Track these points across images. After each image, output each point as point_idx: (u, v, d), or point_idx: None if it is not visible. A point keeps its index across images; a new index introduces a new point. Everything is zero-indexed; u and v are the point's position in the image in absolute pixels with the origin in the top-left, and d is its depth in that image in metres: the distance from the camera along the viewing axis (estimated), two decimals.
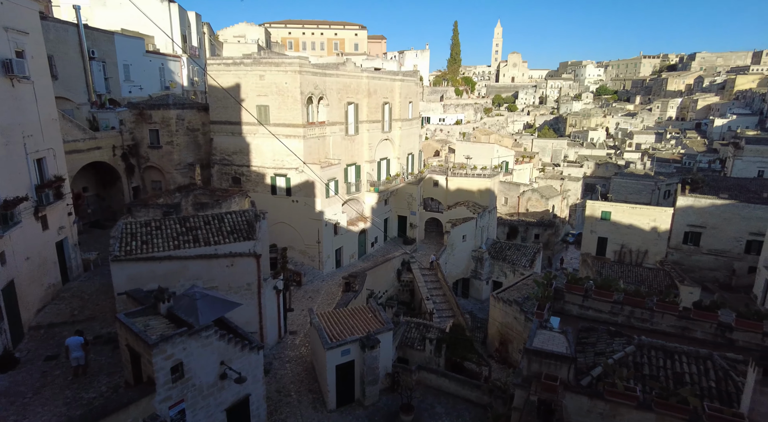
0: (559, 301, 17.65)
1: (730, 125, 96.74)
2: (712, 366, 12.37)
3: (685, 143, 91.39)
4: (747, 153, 64.04)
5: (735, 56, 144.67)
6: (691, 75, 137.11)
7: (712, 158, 77.39)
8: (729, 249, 37.81)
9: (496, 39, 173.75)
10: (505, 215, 49.69)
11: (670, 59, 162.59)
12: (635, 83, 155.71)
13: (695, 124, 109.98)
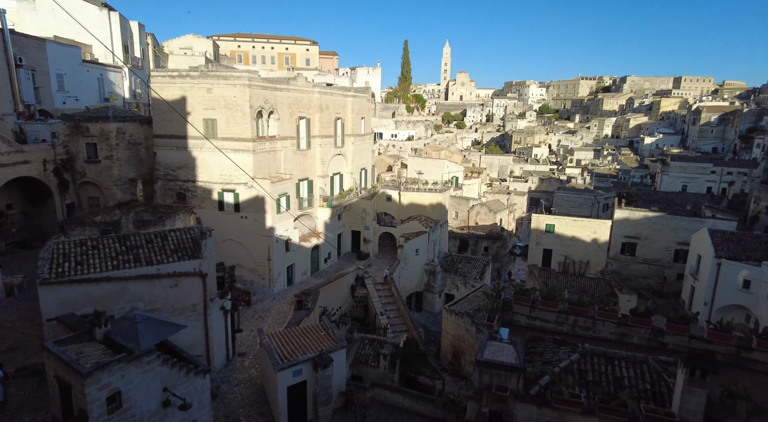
0: (508, 312, 18.16)
1: (658, 143, 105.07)
2: (647, 369, 13.13)
3: (620, 160, 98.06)
4: (672, 169, 69.71)
5: (659, 81, 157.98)
6: (623, 96, 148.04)
7: (643, 173, 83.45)
8: (660, 258, 40.63)
9: (445, 58, 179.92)
10: (456, 228, 50.79)
11: (605, 81, 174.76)
12: (574, 103, 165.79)
13: (628, 141, 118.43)
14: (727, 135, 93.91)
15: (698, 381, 10.44)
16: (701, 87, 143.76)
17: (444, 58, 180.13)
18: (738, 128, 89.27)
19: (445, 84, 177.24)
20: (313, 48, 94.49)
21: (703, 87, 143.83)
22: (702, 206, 46.46)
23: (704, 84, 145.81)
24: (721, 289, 30.51)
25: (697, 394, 10.53)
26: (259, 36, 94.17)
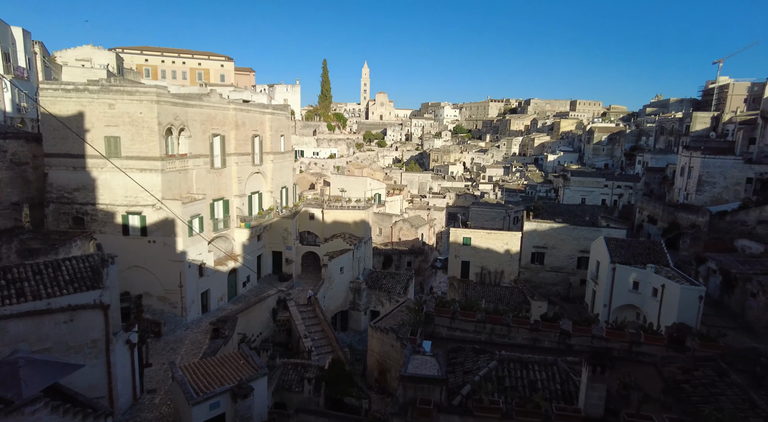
0: (430, 325, 18.57)
1: (559, 160, 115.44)
2: (557, 370, 14.06)
3: (527, 175, 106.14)
4: (572, 184, 76.81)
5: (558, 103, 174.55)
6: (528, 117, 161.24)
7: (548, 187, 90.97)
8: (565, 266, 44.19)
9: (364, 79, 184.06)
10: (380, 244, 51.34)
11: (512, 103, 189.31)
12: (485, 123, 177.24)
13: (534, 159, 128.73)
14: (615, 153, 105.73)
15: (599, 377, 11.39)
16: (593, 110, 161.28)
17: (363, 78, 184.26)
18: (623, 146, 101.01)
19: (365, 104, 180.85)
20: (228, 64, 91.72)
21: (594, 110, 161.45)
22: (598, 217, 51.57)
23: (595, 107, 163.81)
24: (617, 291, 33.81)
25: (598, 389, 11.47)
26: (170, 50, 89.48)
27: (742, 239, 42.20)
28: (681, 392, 13.08)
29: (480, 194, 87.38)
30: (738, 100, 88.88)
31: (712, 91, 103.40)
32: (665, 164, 71.50)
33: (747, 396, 11.97)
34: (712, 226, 46.10)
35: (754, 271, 32.67)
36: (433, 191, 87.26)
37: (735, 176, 51.25)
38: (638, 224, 60.04)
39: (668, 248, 38.57)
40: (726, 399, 12.04)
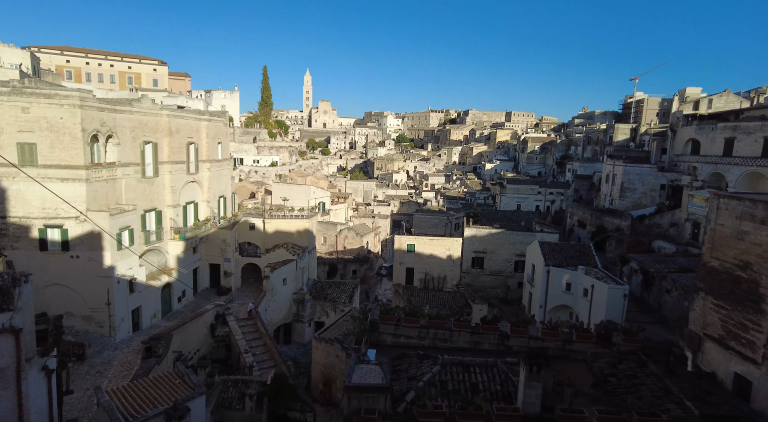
0: (375, 333, 18.54)
1: (496, 168, 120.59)
2: (497, 371, 14.52)
3: (467, 183, 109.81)
4: (509, 191, 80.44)
5: (495, 114, 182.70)
6: (467, 128, 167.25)
7: (486, 195, 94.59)
8: (504, 269, 46.01)
9: (306, 86, 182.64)
10: (324, 254, 50.77)
11: (451, 114, 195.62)
12: (427, 133, 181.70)
13: (473, 167, 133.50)
14: (547, 161, 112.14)
15: (535, 376, 11.88)
16: (526, 121, 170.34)
17: (306, 85, 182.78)
18: (554, 155, 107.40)
19: (307, 111, 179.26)
20: (161, 68, 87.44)
21: (527, 121, 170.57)
22: (533, 222, 54.31)
23: (528, 118, 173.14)
24: (551, 292, 35.69)
25: (534, 387, 11.96)
26: (95, 52, 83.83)
27: (659, 240, 46.15)
28: (608, 385, 13.95)
29: (423, 201, 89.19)
30: (652, 114, 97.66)
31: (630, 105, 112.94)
32: (592, 171, 76.82)
33: (663, 384, 13.01)
34: (634, 229, 50.03)
35: (668, 269, 35.76)
36: (378, 199, 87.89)
37: (651, 183, 56.08)
38: (569, 229, 63.90)
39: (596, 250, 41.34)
40: (645, 389, 13.01)
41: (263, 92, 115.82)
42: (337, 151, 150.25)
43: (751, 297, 13.25)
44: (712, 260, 14.95)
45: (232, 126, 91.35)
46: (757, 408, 12.78)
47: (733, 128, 49.02)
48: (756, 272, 13.08)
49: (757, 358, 12.94)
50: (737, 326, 13.74)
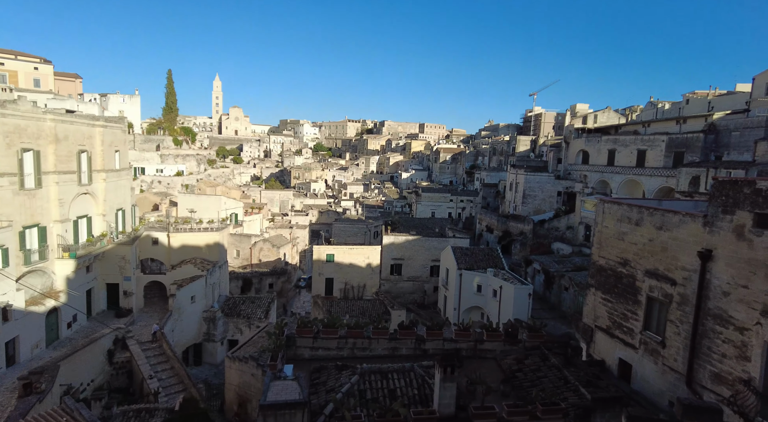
0: (292, 348, 18.01)
1: (412, 177, 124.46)
2: (414, 376, 14.79)
3: (385, 192, 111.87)
4: (423, 199, 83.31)
5: (409, 126, 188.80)
6: (383, 138, 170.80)
7: (403, 203, 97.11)
8: (420, 275, 47.36)
9: (216, 91, 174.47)
10: (238, 267, 48.46)
11: (368, 124, 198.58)
12: (344, 142, 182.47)
13: (390, 176, 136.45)
14: (458, 171, 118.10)
15: (449, 377, 12.29)
16: (438, 132, 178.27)
17: (215, 91, 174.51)
18: (464, 165, 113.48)
19: (217, 118, 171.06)
20: (45, 67, 78.17)
21: (439, 132, 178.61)
22: (446, 228, 56.71)
23: (440, 130, 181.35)
24: (464, 295, 37.39)
25: (449, 388, 12.36)
26: None
27: (557, 242, 50.55)
28: (516, 380, 14.87)
29: (342, 210, 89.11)
30: (549, 127, 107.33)
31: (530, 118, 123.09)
32: (498, 180, 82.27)
33: (562, 374, 14.18)
34: (535, 232, 54.32)
35: (565, 269, 39.27)
36: (296, 209, 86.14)
37: (549, 190, 61.41)
38: (479, 234, 67.69)
39: (503, 253, 44.20)
40: (548, 380, 14.07)
41: (168, 97, 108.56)
42: (250, 159, 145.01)
43: (629, 290, 14.96)
44: (600, 258, 16.67)
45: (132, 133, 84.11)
46: (637, 388, 14.41)
47: (614, 141, 55.56)
48: (633, 267, 14.81)
49: (635, 344, 14.62)
50: (620, 316, 15.43)
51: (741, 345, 11.04)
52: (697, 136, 46.19)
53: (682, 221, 12.98)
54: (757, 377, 10.60)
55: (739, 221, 11.23)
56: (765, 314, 10.42)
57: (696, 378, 12.31)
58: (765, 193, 10.63)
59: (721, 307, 11.62)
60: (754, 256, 10.76)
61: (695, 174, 41.14)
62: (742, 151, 41.86)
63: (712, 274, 11.92)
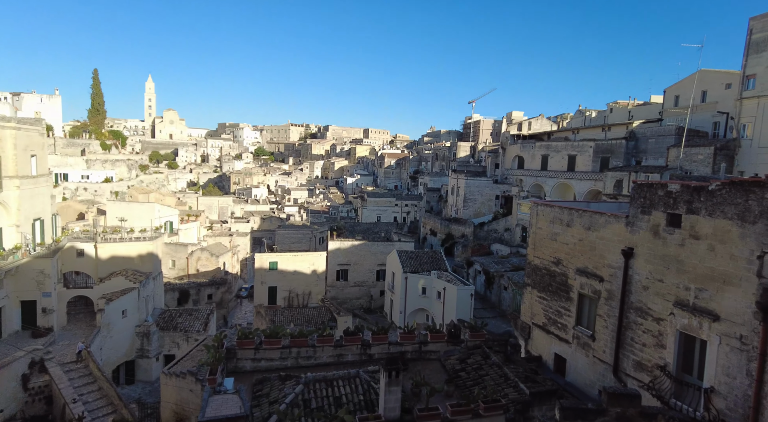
0: (232, 360, 17.32)
1: (357, 182, 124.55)
2: (359, 382, 14.68)
3: (330, 197, 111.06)
4: (369, 204, 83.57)
5: (354, 131, 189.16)
6: (328, 142, 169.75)
7: (349, 208, 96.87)
8: (366, 280, 47.40)
9: (149, 93, 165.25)
10: (173, 278, 45.96)
11: (312, 128, 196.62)
12: (287, 147, 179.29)
13: (335, 181, 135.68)
14: (402, 175, 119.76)
15: (394, 381, 12.32)
16: (383, 137, 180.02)
17: (147, 93, 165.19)
18: (408, 170, 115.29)
19: (150, 121, 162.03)
20: None
21: (384, 138, 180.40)
22: (391, 232, 57.21)
23: (384, 135, 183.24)
24: (410, 297, 37.87)
25: (394, 392, 12.39)
26: None
27: (496, 243, 52.57)
28: (459, 379, 15.20)
29: (286, 216, 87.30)
30: (487, 133, 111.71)
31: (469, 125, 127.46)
32: (441, 184, 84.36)
33: (502, 371, 14.69)
34: (476, 234, 56.18)
35: (504, 269, 40.89)
36: (236, 216, 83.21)
37: (488, 194, 63.82)
38: (423, 237, 68.95)
39: (446, 255, 45.29)
40: (489, 378, 14.52)
41: (94, 99, 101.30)
42: (186, 164, 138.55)
43: (562, 288, 15.82)
44: (535, 258, 17.49)
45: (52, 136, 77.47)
46: (571, 380, 15.24)
47: (547, 147, 58.82)
48: (565, 266, 15.68)
49: (568, 339, 15.46)
50: (555, 313, 16.26)
51: (658, 334, 12.00)
52: (620, 142, 49.99)
53: (607, 222, 13.92)
54: (672, 362, 11.56)
55: (655, 221, 12.22)
56: (677, 305, 11.40)
57: (621, 367, 13.21)
58: (675, 195, 11.65)
59: (642, 300, 12.58)
60: (668, 252, 11.75)
61: (619, 178, 44.46)
62: (657, 156, 45.84)
63: (634, 270, 12.87)
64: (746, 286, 9.86)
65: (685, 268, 11.24)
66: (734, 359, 10.11)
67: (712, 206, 10.62)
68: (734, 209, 10.13)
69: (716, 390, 10.48)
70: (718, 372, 10.46)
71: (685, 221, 11.31)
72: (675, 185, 11.84)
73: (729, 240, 10.22)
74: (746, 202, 9.91)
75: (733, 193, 10.20)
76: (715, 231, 10.52)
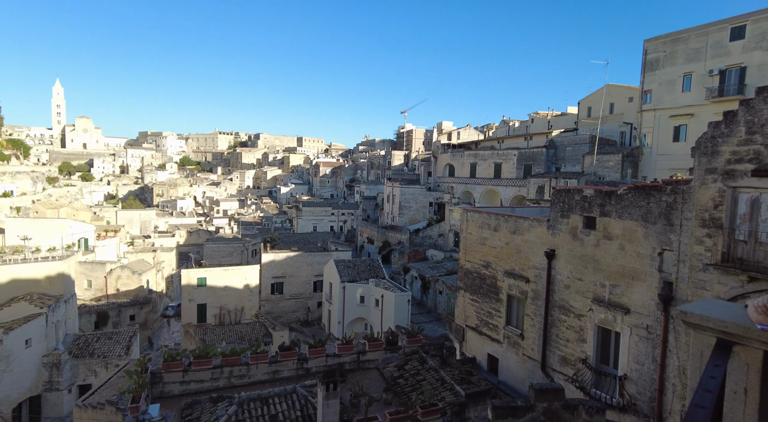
0: (158, 385, 16.16)
1: (291, 191, 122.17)
2: (296, 397, 14.27)
3: (263, 207, 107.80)
4: (304, 213, 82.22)
5: (287, 139, 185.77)
6: (259, 151, 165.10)
7: (283, 218, 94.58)
8: (303, 292, 46.43)
9: (57, 99, 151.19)
10: (90, 300, 42.08)
11: (242, 137, 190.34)
12: (215, 156, 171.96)
13: (268, 191, 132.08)
14: (338, 184, 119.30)
15: (332, 394, 12.11)
16: (317, 146, 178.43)
17: (56, 98, 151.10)
18: (344, 179, 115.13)
19: (59, 129, 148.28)
20: None
21: (318, 146, 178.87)
22: (328, 242, 56.58)
23: (319, 144, 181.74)
24: (348, 307, 37.57)
25: (332, 405, 12.17)
26: None
27: (431, 249, 53.83)
28: (398, 386, 15.27)
29: (215, 229, 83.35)
30: (419, 142, 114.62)
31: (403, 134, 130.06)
32: (376, 193, 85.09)
33: (439, 375, 14.99)
34: (412, 241, 57.17)
35: (439, 273, 41.94)
36: (160, 230, 78.11)
37: (422, 201, 65.34)
38: (360, 245, 68.99)
39: (384, 262, 45.60)
40: (427, 383, 14.73)
41: None
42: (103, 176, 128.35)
43: (493, 290, 16.49)
44: (466, 262, 18.10)
45: None
46: (503, 379, 15.88)
47: (475, 155, 61.49)
48: (494, 269, 16.38)
49: (500, 339, 16.12)
50: (486, 314, 16.89)
51: (579, 330, 12.86)
52: (540, 150, 53.44)
53: (531, 226, 14.75)
54: (592, 355, 12.43)
55: (573, 224, 13.14)
56: (595, 301, 12.30)
57: (548, 362, 13.98)
58: (590, 199, 12.63)
59: (564, 298, 13.43)
60: (585, 253, 12.67)
61: (540, 184, 47.46)
62: (574, 163, 49.59)
63: (556, 270, 13.73)
64: (650, 281, 10.87)
65: (601, 266, 12.18)
66: (642, 347, 11.08)
67: (621, 208, 11.63)
68: (638, 211, 11.17)
69: (628, 376, 11.40)
70: (629, 361, 11.39)
71: (599, 223, 12.27)
72: (589, 190, 12.83)
73: (635, 240, 11.23)
74: (648, 204, 10.96)
75: (637, 196, 11.24)
76: (624, 232, 11.52)
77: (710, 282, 9.69)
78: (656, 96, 40.42)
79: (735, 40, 34.91)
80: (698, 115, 36.50)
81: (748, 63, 34.14)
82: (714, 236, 9.59)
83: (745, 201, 9.21)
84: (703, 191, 9.82)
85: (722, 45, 35.66)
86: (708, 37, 36.54)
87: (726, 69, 35.37)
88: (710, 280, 9.69)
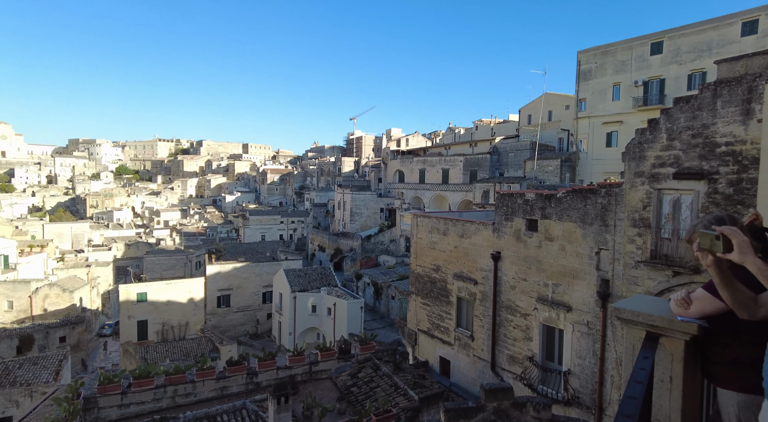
0: (92, 411, 14.96)
1: (238, 200, 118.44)
2: (246, 413, 13.72)
3: (207, 217, 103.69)
4: (252, 222, 79.93)
5: (231, 146, 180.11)
6: (202, 158, 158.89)
7: (229, 228, 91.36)
8: (251, 304, 44.98)
9: None
10: (11, 323, 38.48)
11: (183, 144, 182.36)
12: (155, 164, 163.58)
13: (212, 200, 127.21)
14: (287, 192, 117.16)
15: (283, 407, 11.77)
16: (264, 153, 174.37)
17: None
18: (293, 186, 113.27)
19: None
20: None
21: (265, 153, 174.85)
22: (278, 251, 55.28)
23: (266, 151, 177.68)
24: (299, 317, 36.80)
25: (284, 418, 11.82)
26: None
27: (383, 255, 54.03)
28: (351, 395, 15.09)
29: (156, 241, 79.08)
30: (369, 149, 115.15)
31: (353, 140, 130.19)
32: (327, 200, 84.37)
33: (392, 381, 14.99)
34: (364, 247, 57.11)
35: (391, 279, 42.14)
36: (95, 244, 73.03)
37: (373, 207, 65.56)
38: (312, 253, 68.01)
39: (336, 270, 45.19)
40: (380, 390, 14.67)
41: None
42: (27, 187, 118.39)
43: (443, 293, 16.77)
44: (417, 267, 18.30)
45: None
46: (455, 380, 16.15)
47: (424, 162, 62.61)
48: (444, 272, 16.67)
49: (451, 341, 16.40)
50: (437, 317, 17.14)
51: (526, 329, 13.34)
52: (485, 157, 55.32)
53: (477, 229, 15.16)
54: (538, 353, 12.92)
55: (516, 226, 13.65)
56: (539, 301, 12.82)
57: (498, 362, 14.38)
58: (531, 202, 13.18)
59: (510, 299, 13.88)
60: (528, 254, 13.19)
61: (485, 188, 49.08)
62: (517, 168, 51.74)
63: (502, 272, 14.18)
64: (589, 279, 11.49)
65: (543, 267, 12.71)
66: (584, 342, 11.66)
67: (561, 211, 12.23)
68: (577, 213, 11.78)
69: (572, 371, 11.95)
70: (572, 356, 11.95)
71: (541, 225, 12.82)
72: (531, 194, 13.40)
73: (575, 240, 11.83)
74: (585, 207, 11.59)
75: (575, 199, 11.87)
76: (564, 233, 12.11)
77: (641, 278, 10.38)
78: (590, 104, 43.10)
79: (654, 54, 38.04)
80: (627, 122, 39.29)
81: (666, 75, 37.28)
82: (643, 235, 10.30)
83: (669, 202, 9.98)
84: (633, 194, 10.54)
85: (644, 58, 38.73)
86: (632, 51, 39.56)
87: (648, 80, 38.41)
88: (641, 276, 10.38)
